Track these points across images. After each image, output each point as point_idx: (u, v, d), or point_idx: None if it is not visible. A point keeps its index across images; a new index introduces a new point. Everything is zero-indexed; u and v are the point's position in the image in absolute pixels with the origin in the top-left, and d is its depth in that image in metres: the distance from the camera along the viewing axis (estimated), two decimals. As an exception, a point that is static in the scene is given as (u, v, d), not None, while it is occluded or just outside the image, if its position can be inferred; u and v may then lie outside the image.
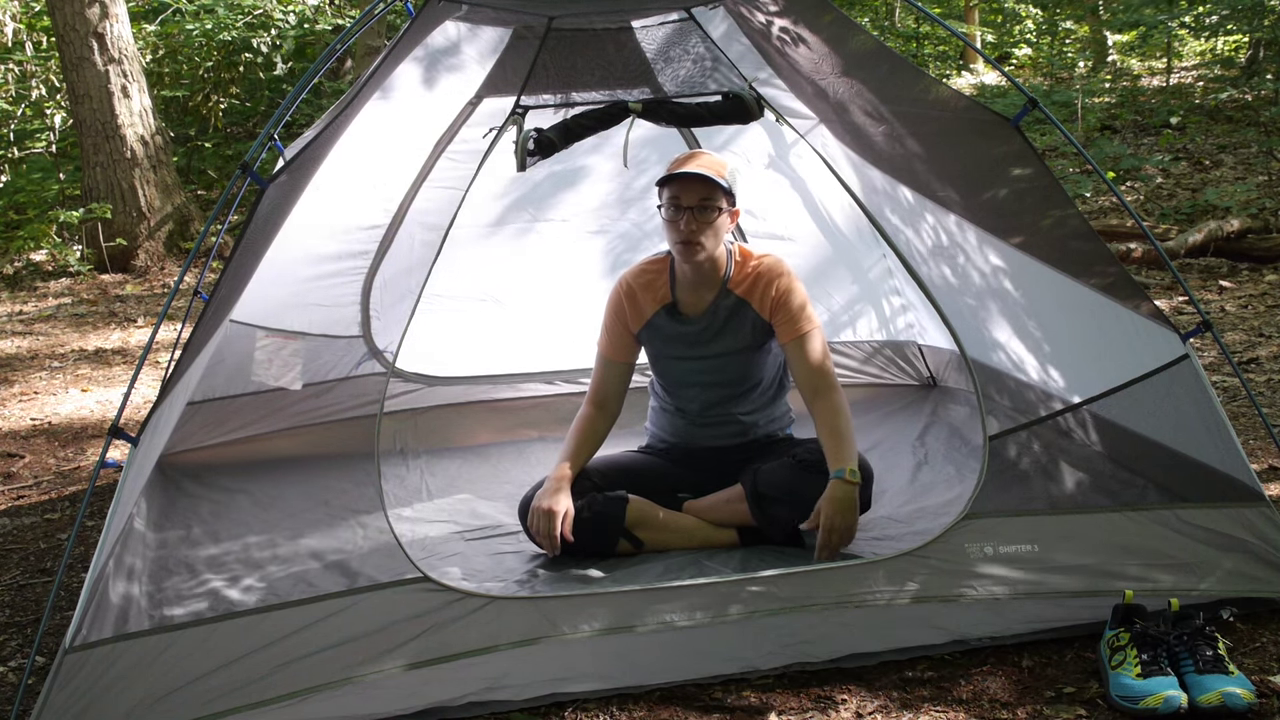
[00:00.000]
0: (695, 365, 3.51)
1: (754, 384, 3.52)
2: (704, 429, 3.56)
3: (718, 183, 3.27)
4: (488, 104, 3.47)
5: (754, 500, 3.32)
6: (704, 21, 3.46)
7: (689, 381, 3.54)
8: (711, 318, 3.46)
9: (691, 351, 3.50)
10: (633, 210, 4.89)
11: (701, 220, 3.29)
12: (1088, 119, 11.59)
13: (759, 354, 3.48)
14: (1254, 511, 3.04)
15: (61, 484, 4.89)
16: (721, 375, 3.50)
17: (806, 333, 3.35)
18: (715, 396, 3.52)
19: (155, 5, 12.89)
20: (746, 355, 3.47)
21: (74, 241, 10.36)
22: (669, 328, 3.50)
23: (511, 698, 2.75)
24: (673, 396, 3.61)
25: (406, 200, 3.81)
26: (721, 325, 3.46)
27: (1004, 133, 3.23)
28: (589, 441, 3.49)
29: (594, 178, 4.80)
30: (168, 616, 2.66)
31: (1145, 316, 3.16)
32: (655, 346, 3.57)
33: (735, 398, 3.52)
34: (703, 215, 3.29)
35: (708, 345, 3.48)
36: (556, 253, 4.87)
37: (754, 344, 3.45)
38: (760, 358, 3.48)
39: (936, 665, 2.88)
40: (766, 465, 3.36)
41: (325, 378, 3.62)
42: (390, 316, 3.77)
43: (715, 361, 3.49)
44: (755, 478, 3.34)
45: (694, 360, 3.51)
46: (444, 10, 3.22)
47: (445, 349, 4.63)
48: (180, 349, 3.94)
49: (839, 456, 3.19)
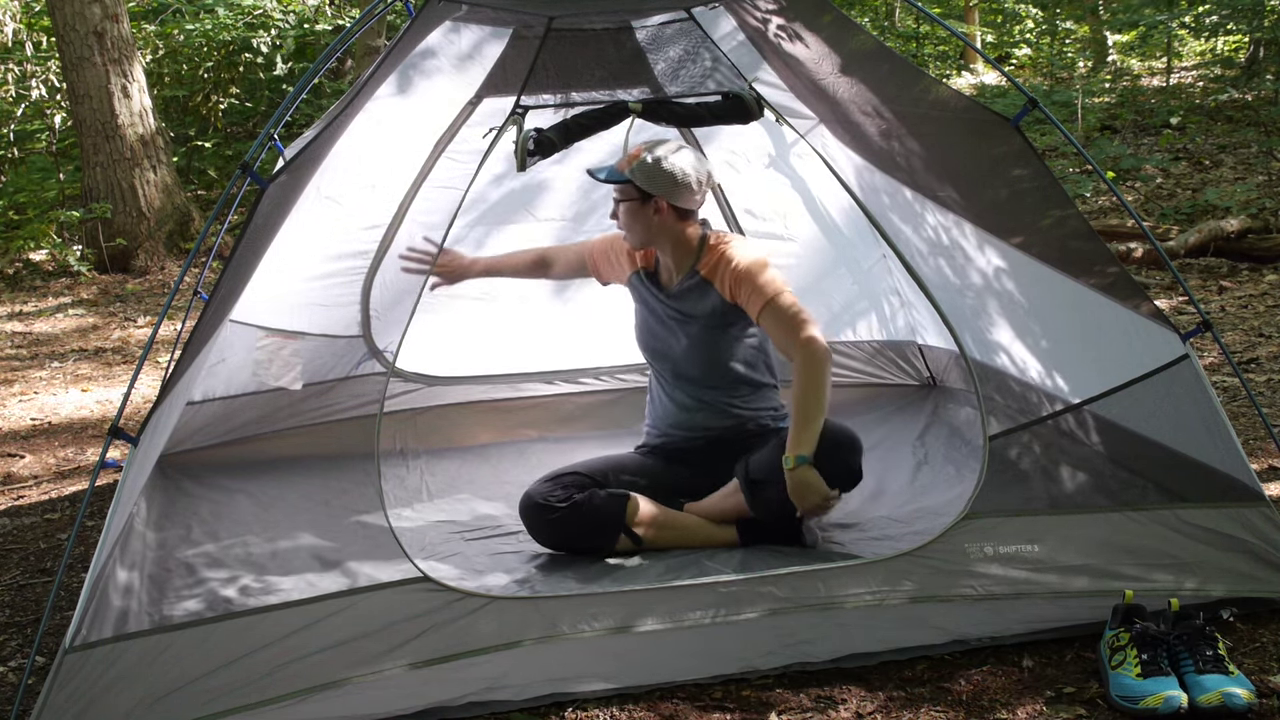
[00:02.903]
0: (668, 337, 3.60)
1: (729, 369, 3.55)
2: (692, 414, 3.59)
3: (620, 177, 3.45)
4: (487, 104, 3.47)
5: (747, 487, 3.35)
6: (704, 21, 3.46)
7: (666, 354, 3.62)
8: (681, 295, 3.56)
9: (664, 320, 3.61)
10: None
11: (622, 212, 3.49)
12: (1088, 119, 11.58)
13: (726, 337, 3.51)
14: (1254, 511, 3.04)
15: (61, 484, 4.89)
16: (695, 354, 3.55)
17: (769, 299, 3.35)
18: (695, 375, 3.57)
19: (155, 5, 12.89)
20: (713, 335, 3.51)
21: (74, 241, 10.36)
22: (645, 291, 3.67)
23: (511, 698, 2.75)
24: (662, 382, 3.68)
25: (406, 200, 3.81)
26: (688, 302, 3.54)
27: (1004, 133, 3.23)
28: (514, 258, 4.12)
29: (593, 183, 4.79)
30: (168, 616, 2.66)
31: (1145, 316, 3.16)
32: (637, 306, 3.74)
33: (716, 385, 3.56)
34: (620, 208, 3.50)
35: (679, 321, 3.57)
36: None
37: (719, 324, 3.49)
38: (728, 342, 3.52)
39: (936, 665, 2.88)
40: (757, 453, 3.39)
41: (325, 378, 3.62)
42: (390, 316, 3.78)
43: (686, 338, 3.55)
44: (747, 465, 3.38)
45: (666, 331, 3.61)
46: (444, 10, 3.22)
47: (445, 348, 4.63)
48: (180, 349, 3.94)
49: (793, 442, 3.21)
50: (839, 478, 3.27)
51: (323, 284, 3.63)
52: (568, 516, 3.28)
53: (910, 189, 3.45)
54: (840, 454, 3.27)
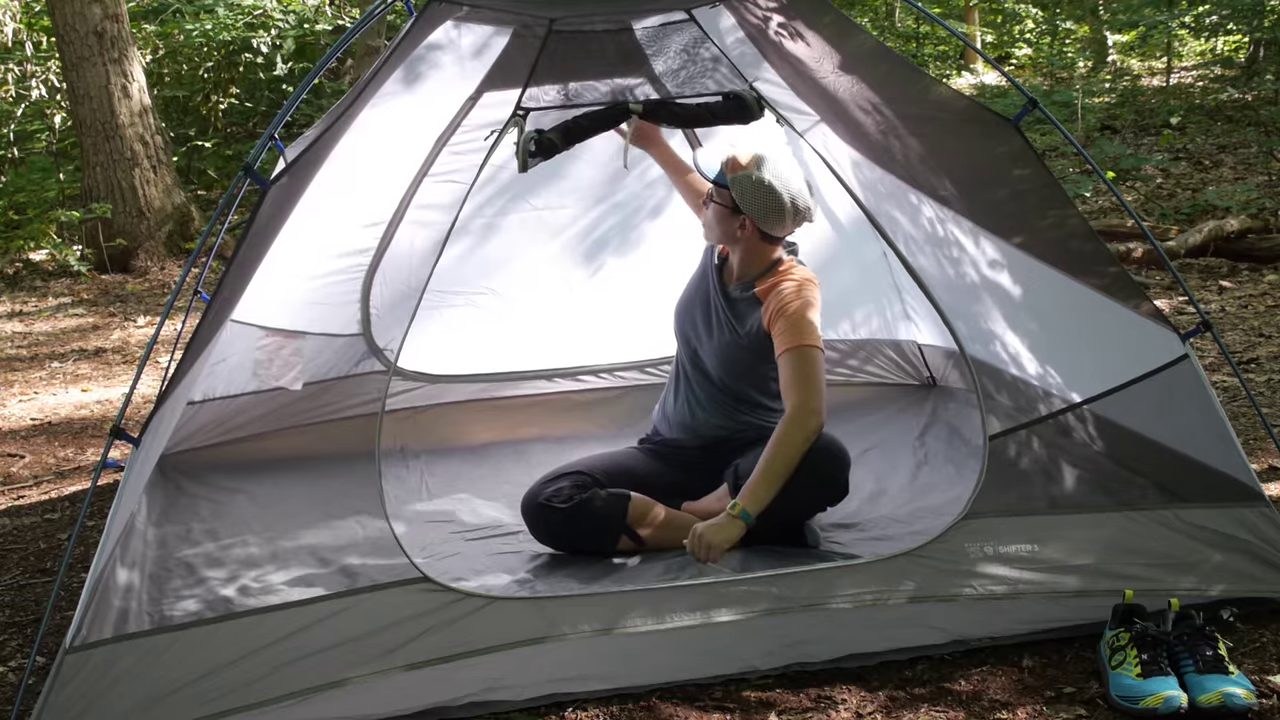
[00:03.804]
0: (704, 325, 3.57)
1: (744, 386, 3.52)
2: (696, 412, 3.57)
3: (722, 180, 3.42)
4: (488, 105, 3.47)
5: (735, 492, 3.33)
6: (704, 22, 3.46)
7: (696, 338, 3.58)
8: (734, 301, 3.52)
9: (711, 307, 3.57)
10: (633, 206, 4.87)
11: (711, 211, 3.50)
12: (1088, 119, 11.57)
13: (757, 359, 3.47)
14: (1254, 511, 3.04)
15: (61, 484, 4.89)
16: (719, 356, 3.52)
17: (796, 345, 3.27)
18: (713, 375, 3.54)
19: (155, 5, 12.88)
20: (742, 354, 3.48)
21: (74, 241, 10.35)
22: (710, 270, 3.64)
23: (511, 698, 2.75)
24: (681, 369, 3.64)
25: (406, 198, 3.81)
26: (737, 311, 3.50)
27: (1004, 133, 3.23)
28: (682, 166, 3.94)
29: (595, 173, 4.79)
30: (168, 617, 2.66)
31: (1145, 316, 3.16)
32: (696, 275, 3.72)
33: (728, 390, 3.53)
34: (711, 205, 3.50)
35: (720, 321, 3.53)
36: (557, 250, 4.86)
37: (751, 345, 3.45)
38: (759, 364, 3.47)
39: (936, 665, 2.88)
40: (746, 457, 3.37)
41: (325, 377, 3.62)
42: (391, 314, 3.77)
43: (719, 338, 3.52)
44: (736, 470, 3.37)
45: (705, 318, 3.57)
46: (444, 11, 3.22)
47: (445, 346, 4.63)
48: (181, 349, 3.94)
49: (748, 493, 3.12)
50: (824, 490, 3.27)
51: (323, 282, 3.62)
52: (568, 516, 3.28)
53: (910, 188, 3.45)
54: (829, 466, 3.25)
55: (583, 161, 4.61)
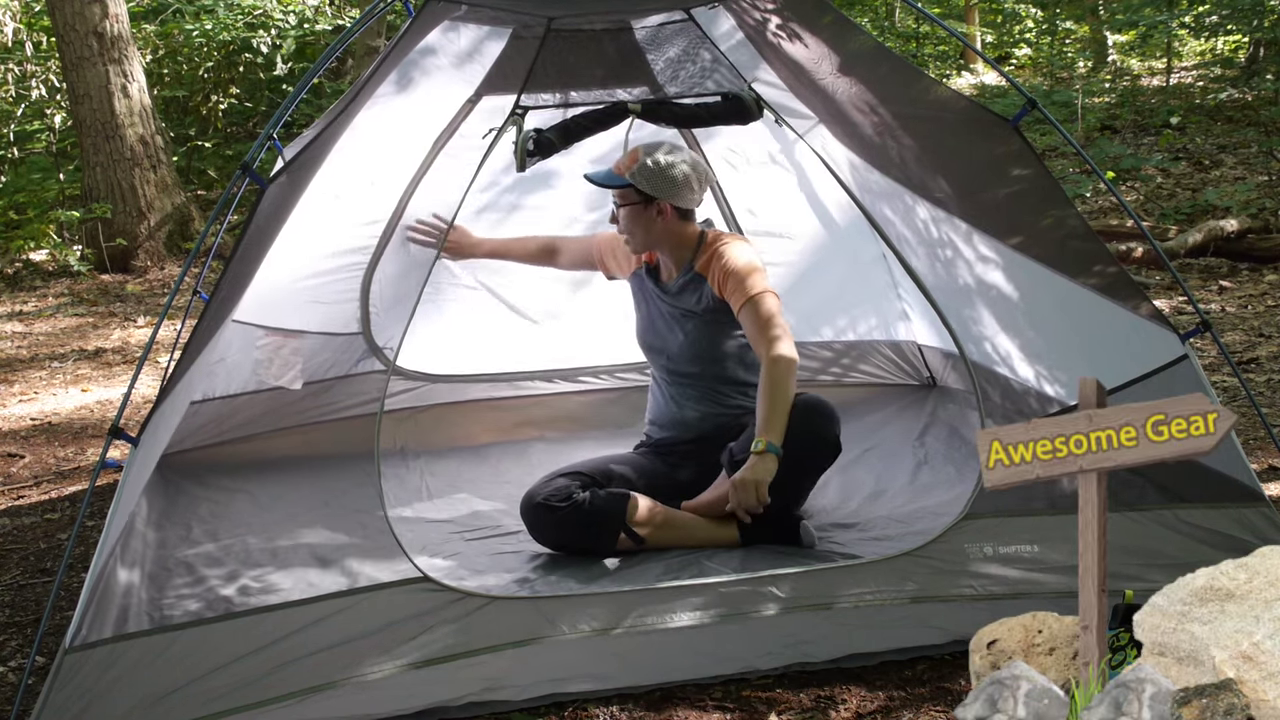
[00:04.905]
0: (666, 334, 3.64)
1: (723, 365, 3.59)
2: (686, 410, 3.62)
3: (621, 181, 3.47)
4: (487, 103, 3.48)
5: (731, 471, 3.35)
6: (703, 22, 3.46)
7: (664, 350, 3.66)
8: (679, 291, 3.61)
9: (663, 316, 3.65)
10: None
11: (623, 216, 3.52)
12: (1088, 119, 11.57)
13: (719, 333, 3.55)
14: (1254, 511, 3.04)
15: (61, 484, 4.89)
16: (691, 349, 3.59)
17: (750, 297, 3.40)
18: (691, 371, 3.60)
19: (155, 5, 12.88)
20: (707, 331, 3.56)
21: (74, 241, 10.35)
22: (646, 288, 3.72)
23: (511, 698, 2.75)
24: (660, 380, 3.71)
25: (405, 198, 3.81)
26: (685, 298, 3.59)
27: (1003, 133, 3.23)
28: (522, 243, 4.13)
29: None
30: (168, 616, 2.66)
31: (1144, 317, 3.16)
32: (637, 303, 3.78)
33: (711, 380, 3.59)
34: (621, 212, 3.53)
35: (676, 318, 3.61)
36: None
37: (712, 319, 3.54)
38: (722, 338, 3.56)
39: (936, 665, 2.89)
40: (739, 440, 3.43)
41: (325, 376, 3.63)
42: (390, 313, 3.78)
43: (683, 334, 3.59)
44: (731, 451, 3.41)
45: (665, 327, 3.65)
46: (443, 10, 3.22)
47: (445, 346, 4.63)
48: (180, 349, 3.94)
49: (764, 427, 3.24)
50: (819, 450, 3.32)
51: (322, 281, 3.63)
52: (568, 516, 3.28)
53: (908, 189, 3.45)
54: (818, 422, 3.31)
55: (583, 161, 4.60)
